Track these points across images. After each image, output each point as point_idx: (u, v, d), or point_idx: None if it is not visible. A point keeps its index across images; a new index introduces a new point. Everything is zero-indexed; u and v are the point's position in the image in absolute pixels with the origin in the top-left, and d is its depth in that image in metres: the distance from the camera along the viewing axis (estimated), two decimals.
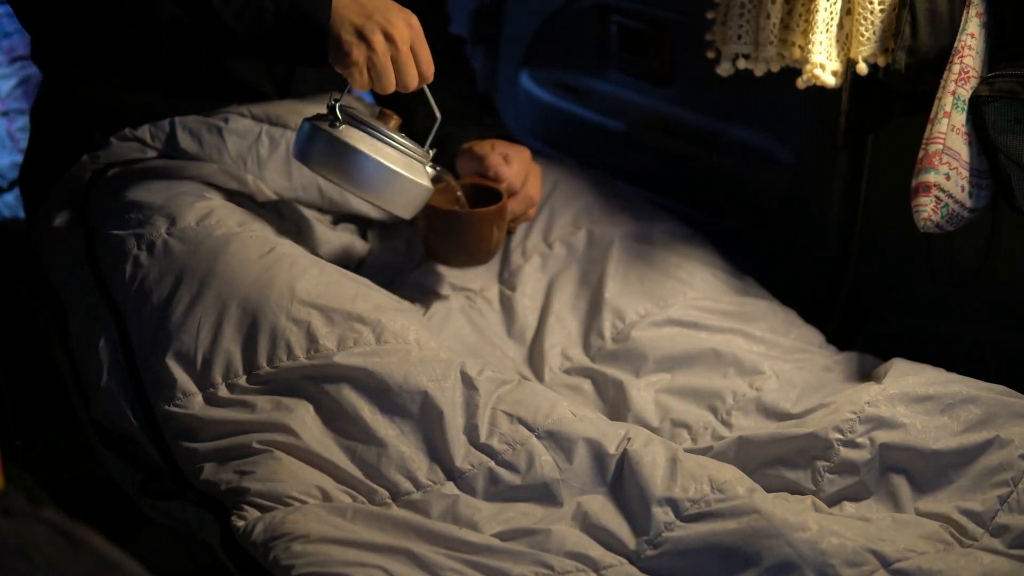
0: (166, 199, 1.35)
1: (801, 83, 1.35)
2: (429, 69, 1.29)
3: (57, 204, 1.46)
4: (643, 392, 1.37)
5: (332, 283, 1.29)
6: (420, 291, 1.52)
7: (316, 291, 1.26)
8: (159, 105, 1.52)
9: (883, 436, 1.20)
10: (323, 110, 1.41)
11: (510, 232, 1.55)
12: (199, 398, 1.22)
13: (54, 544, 0.67)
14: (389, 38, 1.25)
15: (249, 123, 1.51)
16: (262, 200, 1.47)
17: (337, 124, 1.30)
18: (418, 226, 1.47)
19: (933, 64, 1.28)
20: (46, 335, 1.50)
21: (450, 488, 1.17)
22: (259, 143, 1.50)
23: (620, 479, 1.16)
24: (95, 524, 0.71)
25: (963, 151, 1.24)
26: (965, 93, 1.24)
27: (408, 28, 1.27)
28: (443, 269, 1.53)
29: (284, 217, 1.48)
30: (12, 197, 1.95)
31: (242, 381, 1.23)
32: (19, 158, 1.87)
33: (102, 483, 1.41)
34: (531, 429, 1.19)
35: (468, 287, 1.53)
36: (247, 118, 1.52)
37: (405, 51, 1.26)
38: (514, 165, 1.49)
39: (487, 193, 1.46)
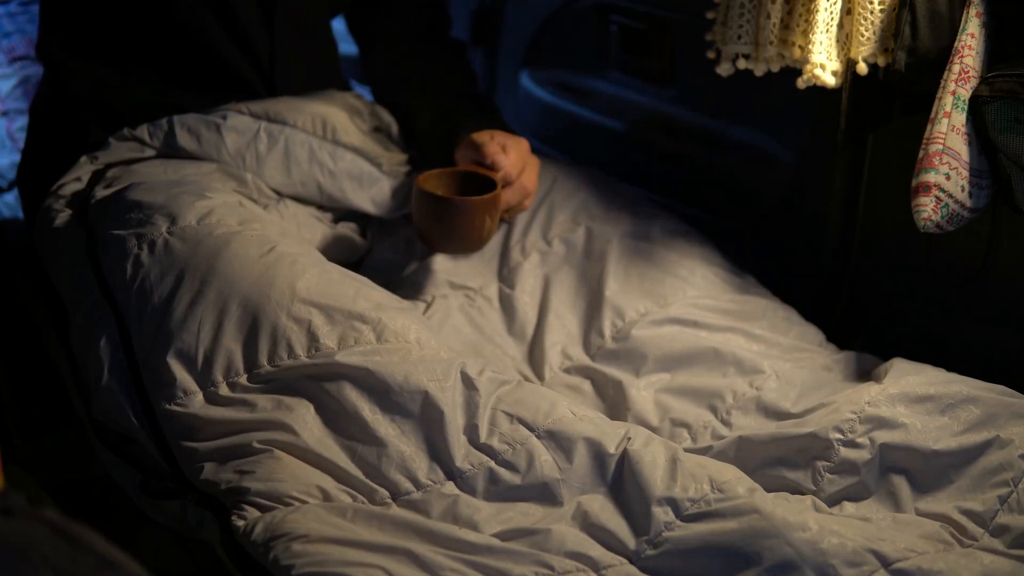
0: (166, 198, 1.35)
1: (801, 83, 1.35)
2: None
3: (57, 204, 1.46)
4: (643, 391, 1.37)
5: (333, 282, 1.29)
6: (420, 289, 1.52)
7: (317, 290, 1.26)
8: (155, 97, 1.52)
9: (883, 436, 1.20)
10: (321, 106, 1.48)
11: (505, 221, 1.54)
12: (200, 397, 1.22)
13: (54, 544, 0.67)
14: None
15: (247, 120, 1.51)
16: (262, 199, 1.48)
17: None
18: (412, 212, 1.47)
19: (933, 64, 1.28)
20: (46, 335, 1.50)
21: (450, 488, 1.17)
22: (257, 140, 1.50)
23: (620, 479, 1.16)
24: (95, 524, 0.71)
25: (963, 151, 1.24)
26: (965, 93, 1.24)
27: None
28: (443, 268, 1.53)
29: (284, 215, 1.48)
30: (12, 197, 1.95)
31: (243, 380, 1.23)
32: (19, 158, 1.87)
33: (102, 483, 1.41)
34: (531, 429, 1.19)
35: (468, 285, 1.53)
36: (245, 115, 1.52)
37: None
38: (511, 155, 1.48)
39: (482, 182, 1.45)
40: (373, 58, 1.75)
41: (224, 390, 1.22)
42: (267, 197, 1.49)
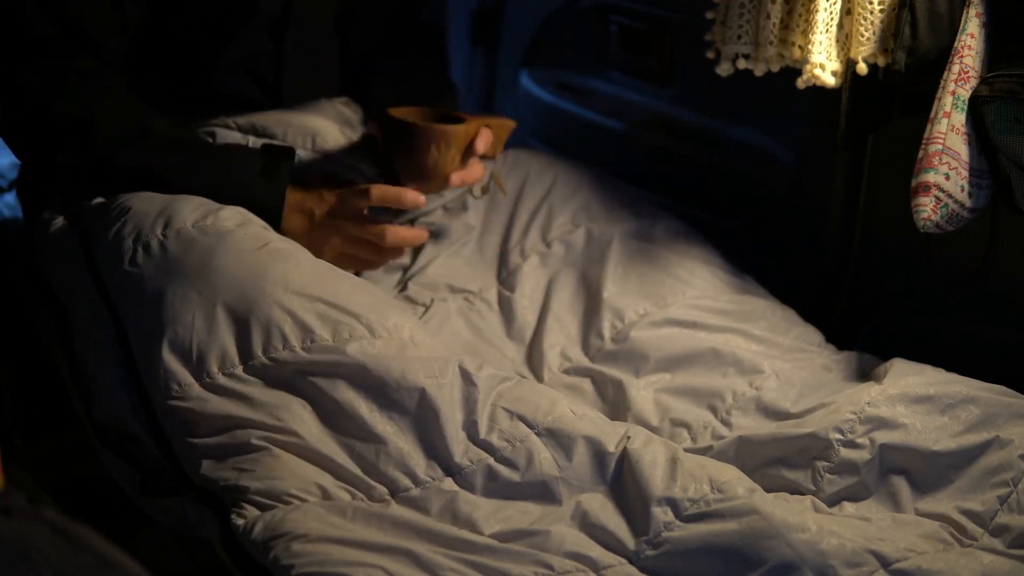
0: (164, 202, 1.35)
1: (801, 83, 1.35)
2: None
3: (56, 207, 1.46)
4: (643, 392, 1.37)
5: (327, 277, 1.29)
6: (418, 293, 1.52)
7: (311, 283, 1.27)
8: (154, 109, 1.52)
9: (883, 436, 1.20)
10: (310, 119, 1.49)
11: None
12: (196, 390, 1.22)
13: (54, 544, 0.67)
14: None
15: (236, 135, 1.52)
16: None
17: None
18: (379, 139, 1.50)
19: (933, 64, 1.28)
20: (46, 335, 1.50)
21: (449, 484, 1.17)
22: None
23: (620, 478, 1.16)
24: (95, 524, 0.71)
25: (963, 151, 1.24)
26: (965, 93, 1.24)
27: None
28: (442, 271, 1.53)
29: None
30: (12, 197, 1.95)
31: (239, 371, 1.22)
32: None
33: (102, 483, 1.41)
34: (531, 426, 1.19)
35: (467, 288, 1.53)
36: (233, 130, 1.52)
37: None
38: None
39: (455, 122, 1.50)
40: (348, 48, 1.75)
41: (220, 380, 1.22)
42: None
